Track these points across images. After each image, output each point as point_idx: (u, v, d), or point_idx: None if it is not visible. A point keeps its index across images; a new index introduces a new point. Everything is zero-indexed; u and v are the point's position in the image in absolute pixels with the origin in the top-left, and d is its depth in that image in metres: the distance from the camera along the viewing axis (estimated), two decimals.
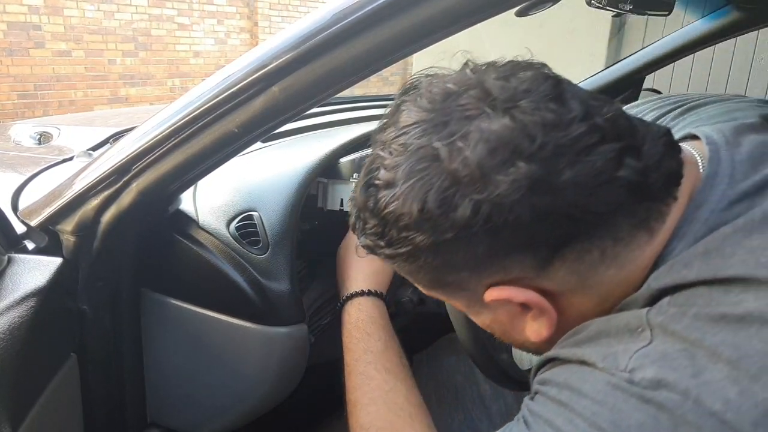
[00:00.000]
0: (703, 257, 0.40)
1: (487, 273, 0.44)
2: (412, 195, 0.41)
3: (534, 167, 0.38)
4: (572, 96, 0.41)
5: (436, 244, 0.42)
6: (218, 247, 0.75)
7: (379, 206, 0.43)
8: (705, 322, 0.36)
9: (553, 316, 0.45)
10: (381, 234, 0.45)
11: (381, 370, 0.66)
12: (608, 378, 0.38)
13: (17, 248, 0.69)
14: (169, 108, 0.65)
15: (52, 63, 5.46)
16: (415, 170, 0.41)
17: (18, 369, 0.57)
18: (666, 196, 0.42)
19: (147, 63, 6.21)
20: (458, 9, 0.51)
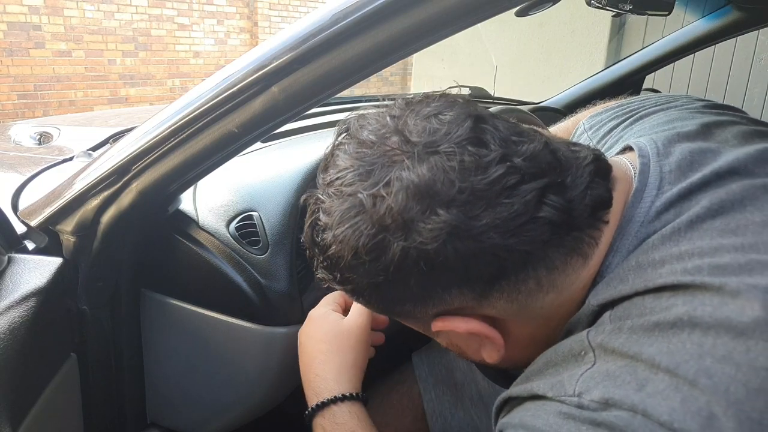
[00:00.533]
0: (636, 270, 0.41)
1: (430, 304, 0.45)
2: (345, 241, 0.43)
3: (453, 214, 0.39)
4: (492, 136, 0.41)
5: (373, 284, 0.44)
6: (218, 247, 0.75)
7: (323, 246, 0.46)
8: (641, 334, 0.37)
9: (499, 341, 0.47)
10: (329, 269, 0.47)
11: None
12: (558, 407, 0.38)
13: (17, 248, 0.69)
14: (169, 108, 0.65)
15: (52, 63, 5.46)
16: (346, 217, 0.43)
17: (18, 369, 0.57)
18: (595, 222, 0.43)
19: (147, 63, 6.21)
20: (458, 9, 0.51)
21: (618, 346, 0.37)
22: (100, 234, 0.68)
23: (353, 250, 0.42)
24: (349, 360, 0.67)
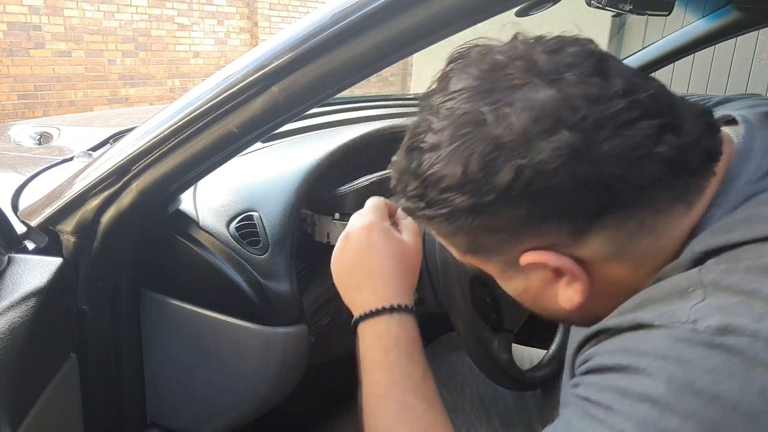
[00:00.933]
0: (745, 222, 0.41)
1: (524, 237, 0.45)
2: (456, 157, 0.42)
3: (576, 137, 0.39)
4: (616, 72, 0.42)
5: (476, 206, 0.43)
6: (218, 247, 0.75)
7: (422, 168, 0.45)
8: (759, 274, 0.37)
9: (586, 283, 0.46)
10: (421, 196, 0.46)
11: (421, 399, 0.59)
12: (669, 332, 0.37)
13: (17, 248, 0.69)
14: (169, 108, 0.65)
15: (52, 63, 5.46)
16: (460, 134, 0.42)
17: (18, 369, 0.57)
18: (704, 172, 0.43)
19: (147, 63, 6.22)
20: (458, 9, 0.51)
21: (732, 283, 0.38)
22: (100, 234, 0.68)
23: (464, 167, 0.42)
24: (410, 279, 0.67)
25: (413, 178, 0.46)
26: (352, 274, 0.66)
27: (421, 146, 0.45)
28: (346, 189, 0.84)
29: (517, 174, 0.40)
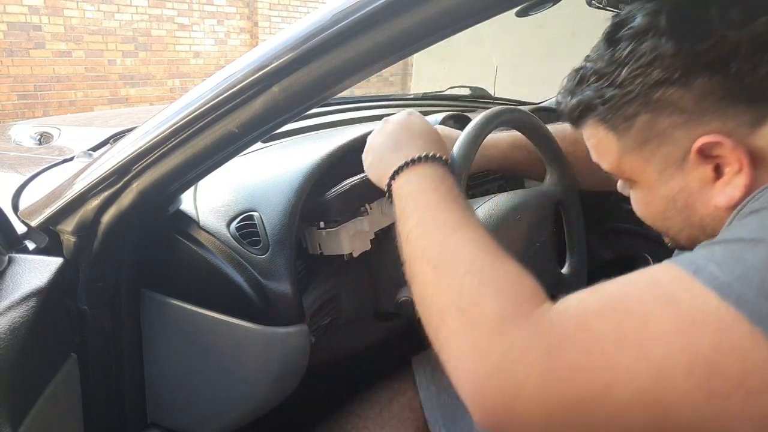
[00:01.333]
0: None
1: (706, 120, 0.48)
2: (670, 30, 0.46)
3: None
4: None
5: (674, 78, 0.47)
6: (218, 247, 0.75)
7: (618, 53, 0.49)
8: None
9: (751, 177, 0.47)
10: (609, 76, 0.50)
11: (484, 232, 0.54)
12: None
13: (18, 248, 0.69)
14: (169, 108, 0.65)
15: (52, 63, 5.46)
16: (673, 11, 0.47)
17: (18, 369, 0.57)
18: None
19: (147, 63, 6.21)
20: (458, 9, 0.51)
21: None
22: (100, 234, 0.68)
23: (676, 40, 0.46)
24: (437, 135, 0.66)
25: (605, 63, 0.50)
26: (388, 141, 0.65)
27: (631, 25, 0.49)
28: (332, 194, 0.83)
29: (729, 46, 0.44)
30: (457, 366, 0.43)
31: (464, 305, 0.45)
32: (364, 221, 0.84)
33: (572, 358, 0.39)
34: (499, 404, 0.40)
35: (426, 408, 0.92)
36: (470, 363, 0.42)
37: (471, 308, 0.44)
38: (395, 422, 0.92)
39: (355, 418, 0.93)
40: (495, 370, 0.41)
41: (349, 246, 0.82)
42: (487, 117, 0.73)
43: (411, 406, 0.93)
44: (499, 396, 0.40)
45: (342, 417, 0.94)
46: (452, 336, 0.45)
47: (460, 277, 0.47)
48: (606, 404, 0.38)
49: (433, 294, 0.49)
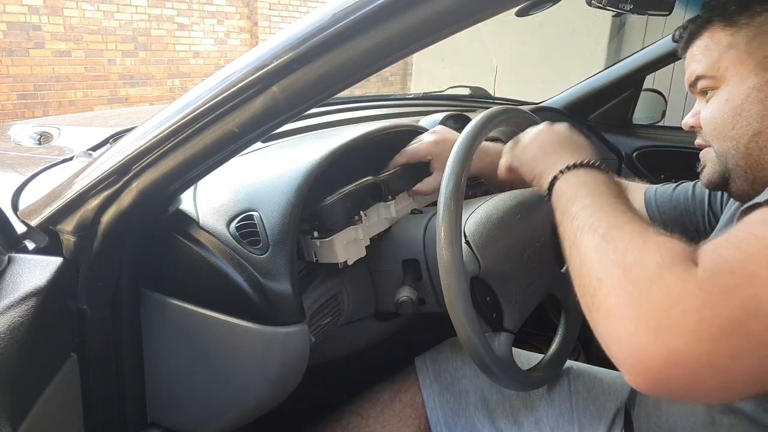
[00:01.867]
0: None
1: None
2: None
3: None
4: None
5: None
6: (218, 247, 0.75)
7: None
8: None
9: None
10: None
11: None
12: None
13: (17, 248, 0.69)
14: (169, 108, 0.65)
15: (52, 63, 5.46)
16: None
17: (18, 369, 0.57)
18: None
19: (147, 63, 6.22)
20: (458, 9, 0.51)
21: None
22: (100, 234, 0.68)
23: None
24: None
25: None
26: (548, 143, 0.73)
27: None
28: (326, 203, 0.83)
29: None
30: (613, 324, 0.45)
31: (628, 263, 0.47)
32: (358, 229, 0.84)
33: (721, 283, 0.41)
34: (659, 351, 0.41)
35: (428, 407, 0.92)
36: (628, 315, 0.44)
37: (633, 265, 0.47)
38: (397, 421, 0.92)
39: (356, 417, 0.94)
40: (653, 317, 0.42)
41: (343, 255, 0.82)
42: (487, 117, 0.73)
43: (413, 405, 0.93)
44: (659, 341, 0.41)
45: (343, 416, 0.95)
46: (610, 294, 0.47)
47: (626, 241, 0.50)
48: (760, 317, 0.39)
49: (596, 259, 0.51)
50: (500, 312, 0.79)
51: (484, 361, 0.69)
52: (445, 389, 0.93)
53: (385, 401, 0.94)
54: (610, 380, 0.90)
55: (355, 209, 0.85)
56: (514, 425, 0.88)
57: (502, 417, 0.89)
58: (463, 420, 0.90)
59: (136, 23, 6.03)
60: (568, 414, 0.87)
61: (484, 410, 0.90)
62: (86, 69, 5.72)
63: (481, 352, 0.69)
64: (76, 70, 5.65)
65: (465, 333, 0.67)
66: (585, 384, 0.90)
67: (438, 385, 0.93)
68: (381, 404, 0.94)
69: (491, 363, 0.70)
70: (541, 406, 0.88)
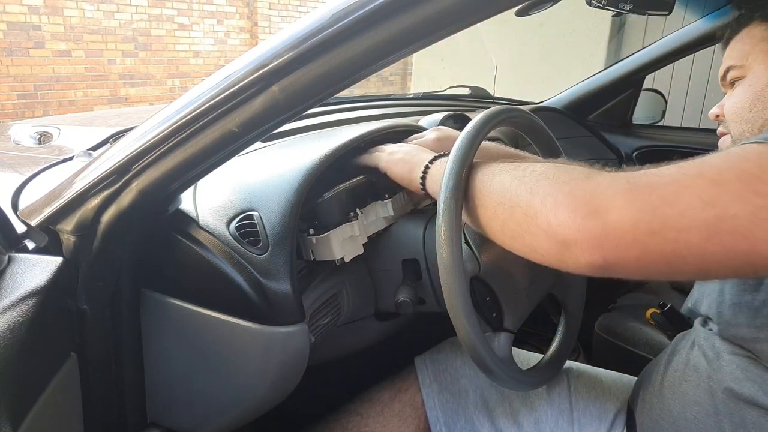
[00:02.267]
0: None
1: None
2: None
3: None
4: None
5: None
6: (218, 246, 0.75)
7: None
8: None
9: None
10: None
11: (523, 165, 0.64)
12: None
13: (17, 248, 0.69)
14: (169, 108, 0.65)
15: (52, 63, 5.46)
16: None
17: (18, 368, 0.57)
18: None
19: (147, 63, 6.22)
20: (458, 9, 0.51)
21: None
22: (100, 233, 0.68)
23: None
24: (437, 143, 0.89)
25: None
26: (415, 147, 0.83)
27: None
28: (321, 201, 0.83)
29: None
30: (556, 214, 0.52)
31: (553, 174, 0.55)
32: (354, 226, 0.84)
33: (646, 181, 0.49)
34: (595, 224, 0.50)
35: (428, 406, 0.92)
36: (567, 204, 0.52)
37: (559, 174, 0.55)
38: (396, 420, 0.92)
39: (356, 416, 0.94)
40: (589, 201, 0.50)
41: (340, 251, 0.82)
42: (487, 117, 0.73)
43: (412, 404, 0.93)
44: (594, 217, 0.50)
45: (343, 416, 0.95)
46: (547, 195, 0.54)
47: (542, 167, 0.58)
48: (675, 206, 0.47)
49: (518, 184, 0.58)
50: (500, 312, 0.79)
51: (484, 361, 0.69)
52: (444, 389, 0.93)
53: (384, 401, 0.94)
54: (610, 380, 0.91)
55: (350, 206, 0.85)
56: (514, 425, 0.88)
57: (502, 416, 0.88)
58: (463, 419, 0.90)
59: (136, 23, 6.02)
60: (568, 414, 0.87)
61: (484, 410, 0.90)
62: (86, 69, 5.72)
63: (481, 352, 0.68)
64: (76, 69, 5.65)
65: (465, 333, 0.67)
66: (585, 384, 0.90)
67: (438, 384, 0.93)
68: (381, 404, 0.94)
69: (491, 363, 0.70)
70: (541, 405, 0.88)
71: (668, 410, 0.71)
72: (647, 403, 0.76)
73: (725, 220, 0.46)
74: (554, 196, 0.53)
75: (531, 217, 0.55)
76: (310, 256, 0.83)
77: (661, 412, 0.72)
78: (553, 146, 0.88)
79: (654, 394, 0.75)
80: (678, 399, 0.70)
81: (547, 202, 0.53)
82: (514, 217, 0.58)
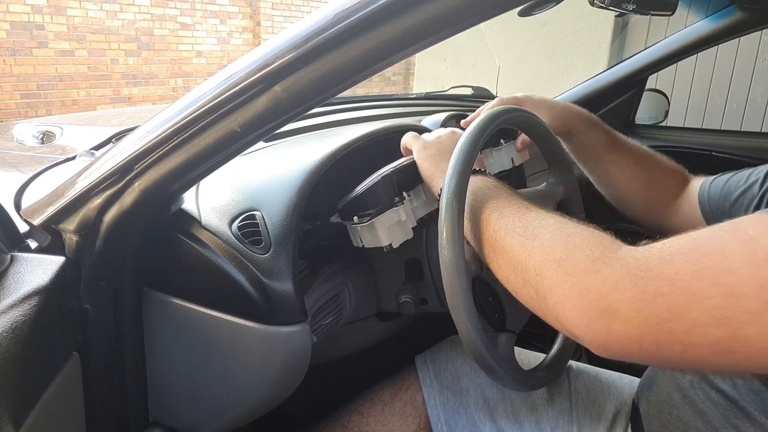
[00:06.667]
0: None
1: None
2: None
3: None
4: None
5: None
6: (220, 246, 0.75)
7: None
8: None
9: None
10: None
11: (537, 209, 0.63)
12: None
13: (20, 247, 0.69)
14: (172, 107, 0.65)
15: (55, 62, 5.48)
16: None
17: (20, 367, 0.57)
18: None
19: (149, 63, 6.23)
20: (461, 9, 0.51)
21: None
22: (102, 233, 0.68)
23: None
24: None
25: None
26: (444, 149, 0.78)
27: None
28: (361, 189, 0.82)
29: None
30: (564, 307, 0.51)
31: (559, 257, 0.53)
32: (399, 211, 0.82)
33: (656, 286, 0.46)
34: (600, 328, 0.48)
35: (428, 405, 0.92)
36: (574, 301, 0.50)
37: (565, 258, 0.53)
38: (397, 420, 0.92)
39: (357, 416, 0.94)
40: (595, 302, 0.49)
41: (387, 238, 0.81)
42: (490, 116, 0.73)
43: (413, 403, 0.93)
44: (600, 321, 0.48)
45: (344, 415, 0.95)
46: (554, 285, 0.52)
47: (549, 238, 0.56)
48: (683, 322, 0.44)
49: (527, 257, 0.57)
50: (502, 312, 0.79)
51: (487, 362, 0.69)
52: (445, 387, 0.93)
53: (385, 400, 0.94)
54: (610, 380, 0.90)
55: (395, 190, 0.83)
56: (515, 424, 0.88)
57: (503, 416, 0.88)
58: (464, 418, 0.90)
59: (139, 23, 6.03)
60: (568, 413, 0.87)
61: (485, 409, 0.90)
62: (89, 68, 5.73)
63: (483, 353, 0.68)
64: (79, 69, 5.66)
65: (467, 334, 0.67)
66: (585, 384, 0.90)
67: (438, 383, 0.93)
68: (381, 403, 0.94)
69: (494, 364, 0.70)
70: (542, 405, 0.88)
71: (677, 416, 0.70)
72: (653, 404, 0.76)
73: (738, 340, 0.42)
74: (561, 287, 0.52)
75: (542, 299, 0.54)
76: (359, 242, 0.83)
77: (670, 416, 0.72)
78: (555, 146, 0.88)
79: (660, 395, 0.74)
80: (689, 406, 0.69)
81: (554, 293, 0.52)
82: (526, 289, 0.57)
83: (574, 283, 0.51)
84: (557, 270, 0.53)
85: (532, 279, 0.55)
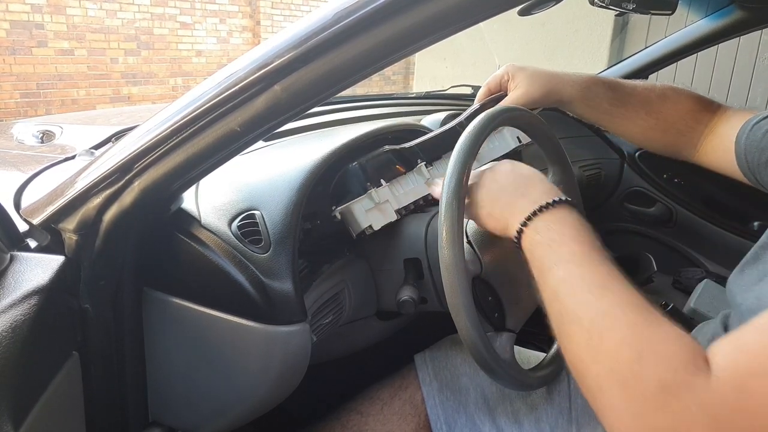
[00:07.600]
0: None
1: None
2: None
3: None
4: None
5: None
6: (220, 245, 0.75)
7: None
8: None
9: None
10: None
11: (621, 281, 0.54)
12: None
13: (20, 246, 0.69)
14: (171, 107, 0.65)
15: (55, 62, 5.47)
16: None
17: (20, 367, 0.57)
18: None
19: (149, 62, 6.22)
20: (461, 8, 0.51)
21: None
22: (102, 232, 0.68)
23: None
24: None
25: None
26: (507, 187, 0.66)
27: None
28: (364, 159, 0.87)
29: None
30: (620, 417, 0.45)
31: (623, 377, 0.45)
32: (374, 194, 0.86)
33: (735, 424, 0.40)
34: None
35: (428, 404, 0.92)
36: (632, 428, 0.44)
37: (630, 381, 0.45)
38: (397, 419, 0.92)
39: (356, 415, 0.94)
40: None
41: (365, 221, 0.85)
42: (490, 116, 0.73)
43: (413, 402, 0.93)
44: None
45: (343, 414, 0.95)
46: (614, 409, 0.46)
47: (616, 344, 0.47)
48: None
49: (589, 360, 0.49)
50: (502, 312, 0.79)
51: (487, 362, 0.69)
52: (445, 387, 0.93)
53: (384, 399, 0.94)
54: None
55: (370, 178, 0.87)
56: (515, 423, 0.87)
57: (503, 415, 0.88)
58: (464, 417, 0.90)
59: (138, 22, 6.03)
60: (567, 413, 0.87)
61: (485, 408, 0.90)
62: (89, 68, 5.73)
63: (483, 352, 0.68)
64: (78, 68, 5.66)
65: (467, 333, 0.67)
66: None
67: (438, 382, 0.93)
68: (381, 402, 0.94)
69: (493, 363, 0.70)
70: (541, 404, 0.88)
71: None
72: None
73: None
74: (621, 396, 0.45)
75: (599, 410, 0.48)
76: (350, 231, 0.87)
77: None
78: (556, 146, 0.88)
79: None
80: None
81: (613, 416, 0.46)
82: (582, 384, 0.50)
83: (637, 414, 0.44)
84: (619, 394, 0.45)
85: (593, 387, 0.49)
